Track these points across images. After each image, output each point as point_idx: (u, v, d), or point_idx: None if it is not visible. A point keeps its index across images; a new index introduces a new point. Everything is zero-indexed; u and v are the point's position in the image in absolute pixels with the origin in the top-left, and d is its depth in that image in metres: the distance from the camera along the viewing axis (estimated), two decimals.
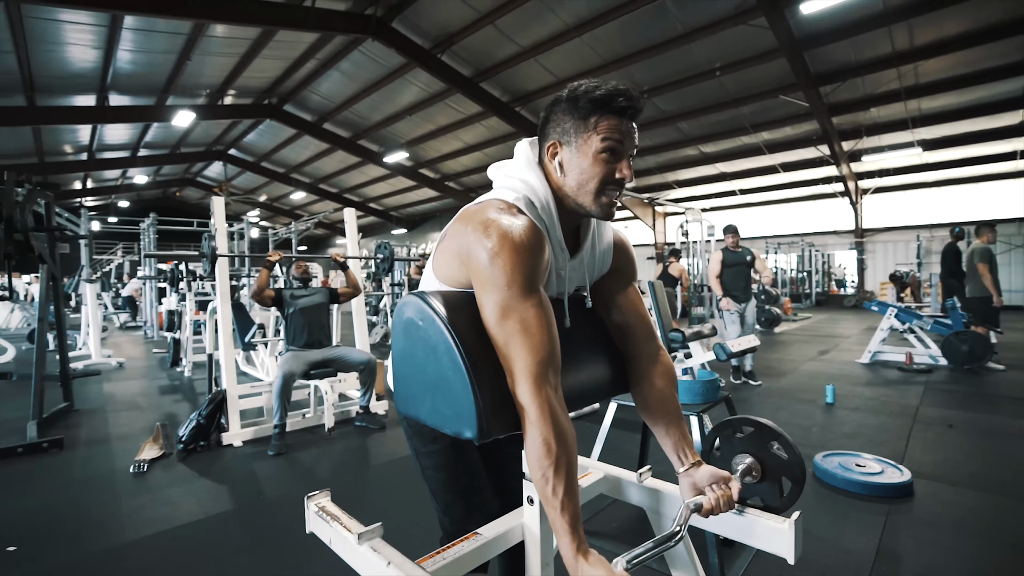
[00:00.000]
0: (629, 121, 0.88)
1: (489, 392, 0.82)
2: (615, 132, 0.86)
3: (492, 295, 0.84)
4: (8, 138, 12.04)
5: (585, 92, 0.87)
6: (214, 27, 8.49)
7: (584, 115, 0.87)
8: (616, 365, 1.10)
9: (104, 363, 6.01)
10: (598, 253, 1.07)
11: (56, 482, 2.77)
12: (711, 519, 1.12)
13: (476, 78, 10.39)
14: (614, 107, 0.86)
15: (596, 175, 0.88)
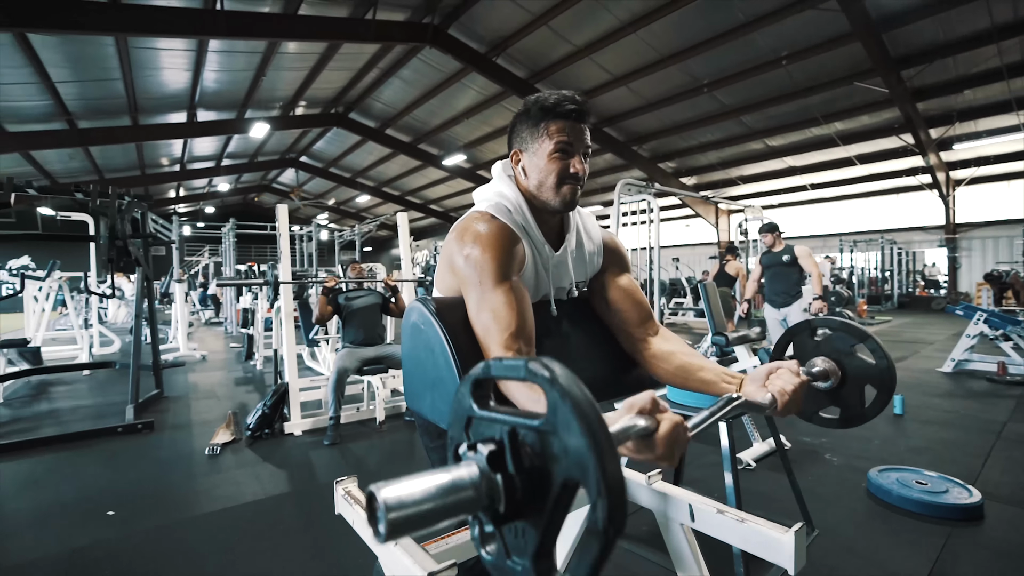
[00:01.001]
0: (577, 123, 0.98)
1: None
2: (563, 133, 0.96)
3: (470, 292, 0.93)
4: (118, 154, 13.53)
5: (535, 102, 0.98)
6: (286, 44, 9.11)
7: (536, 122, 0.98)
8: (613, 368, 1.12)
9: (190, 356, 6.67)
10: (587, 252, 1.13)
11: (146, 459, 3.15)
12: (714, 527, 1.14)
13: (531, 79, 10.45)
14: (560, 112, 0.96)
15: (552, 171, 0.98)
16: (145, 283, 4.24)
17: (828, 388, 1.05)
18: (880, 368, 0.97)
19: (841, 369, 1.03)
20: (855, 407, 1.03)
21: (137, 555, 2.07)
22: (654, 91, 10.12)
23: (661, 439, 0.62)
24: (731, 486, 1.80)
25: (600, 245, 1.15)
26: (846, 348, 1.02)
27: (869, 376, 1.00)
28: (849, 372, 1.02)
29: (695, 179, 14.24)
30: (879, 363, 0.98)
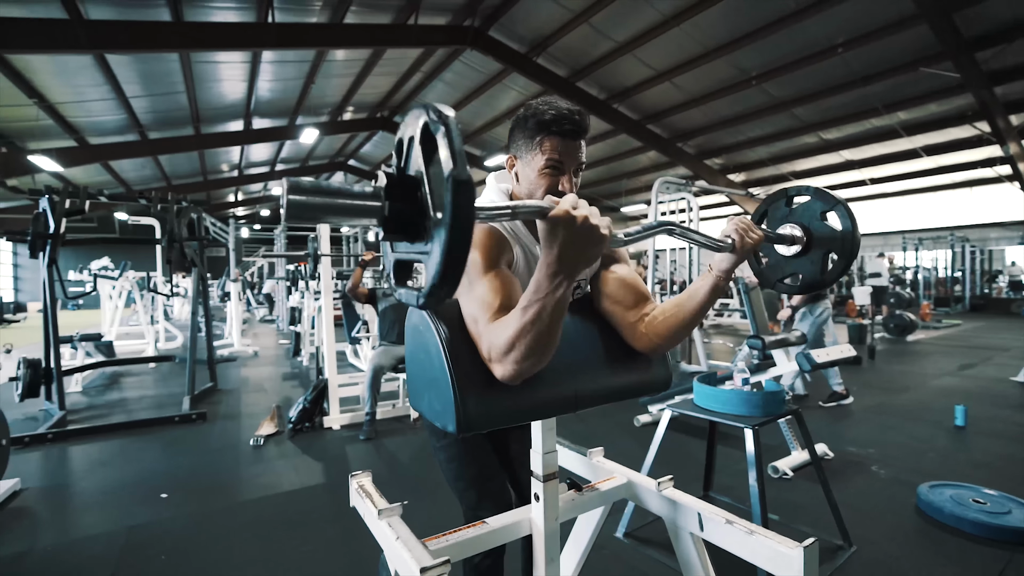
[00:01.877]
0: (572, 140, 0.97)
1: (469, 391, 0.91)
2: (556, 152, 0.96)
3: (462, 292, 0.96)
4: (183, 162, 14.49)
5: (534, 114, 0.97)
6: (333, 52, 9.46)
7: (531, 135, 0.97)
8: (617, 371, 1.11)
9: (242, 351, 7.06)
10: None
11: (198, 447, 3.37)
12: (722, 538, 1.11)
13: (572, 78, 10.38)
14: (556, 130, 0.95)
15: (541, 186, 0.98)
16: (200, 283, 4.52)
17: (793, 255, 1.08)
18: (844, 234, 0.99)
19: (807, 235, 1.05)
20: (814, 272, 1.06)
21: (184, 536, 2.22)
22: (699, 86, 9.81)
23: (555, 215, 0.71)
24: (755, 495, 1.74)
25: None
26: (816, 215, 1.03)
27: (832, 242, 1.02)
28: (815, 238, 1.05)
29: (744, 175, 13.69)
30: (844, 229, 0.99)
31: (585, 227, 0.71)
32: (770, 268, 1.16)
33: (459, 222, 0.54)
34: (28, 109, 8.94)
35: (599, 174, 15.46)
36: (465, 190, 0.54)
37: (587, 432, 3.63)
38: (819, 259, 1.05)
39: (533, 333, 0.79)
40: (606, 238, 0.74)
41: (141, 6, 6.79)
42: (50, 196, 3.73)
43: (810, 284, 1.08)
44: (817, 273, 1.05)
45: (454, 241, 0.54)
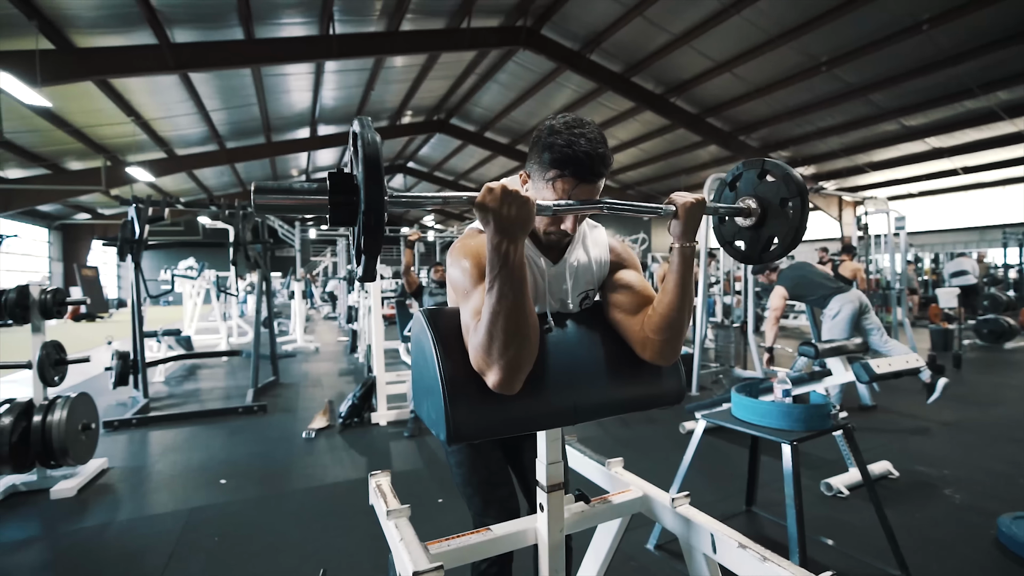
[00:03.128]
0: (587, 184, 0.93)
1: (461, 401, 0.92)
2: (567, 195, 0.93)
3: (461, 301, 0.97)
4: (257, 169, 15.55)
5: (550, 145, 0.92)
6: (391, 59, 9.80)
7: (545, 168, 0.94)
8: (620, 384, 1.07)
9: (304, 347, 7.48)
10: (593, 260, 1.12)
11: (257, 437, 3.61)
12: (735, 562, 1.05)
13: (627, 73, 10.14)
14: (570, 173, 0.92)
15: (545, 217, 0.98)
16: (264, 282, 4.84)
17: (747, 226, 1.11)
18: (792, 226, 1.01)
19: (762, 212, 1.07)
20: (753, 249, 1.10)
21: (237, 519, 2.40)
22: (763, 75, 9.27)
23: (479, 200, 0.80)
24: (792, 516, 1.63)
25: (607, 251, 1.15)
26: (776, 198, 1.04)
27: (780, 226, 1.04)
28: (767, 219, 1.07)
29: (813, 168, 12.80)
30: (793, 219, 1.01)
31: (504, 192, 0.79)
32: (727, 228, 1.20)
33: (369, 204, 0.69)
34: (127, 126, 9.94)
35: (656, 171, 15.02)
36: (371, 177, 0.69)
37: (632, 437, 3.55)
38: (766, 237, 1.08)
39: (503, 311, 0.81)
40: (527, 199, 0.80)
41: (218, 27, 7.34)
42: (136, 205, 4.13)
43: (750, 256, 1.12)
44: (760, 249, 1.09)
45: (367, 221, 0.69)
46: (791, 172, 1.04)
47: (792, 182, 1.02)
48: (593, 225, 1.17)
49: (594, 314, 1.12)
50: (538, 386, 0.98)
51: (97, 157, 10.96)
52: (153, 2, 6.45)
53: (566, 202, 0.90)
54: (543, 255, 1.06)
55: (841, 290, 3.81)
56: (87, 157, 11.21)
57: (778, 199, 1.04)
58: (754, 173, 1.10)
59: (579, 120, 0.94)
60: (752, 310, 4.41)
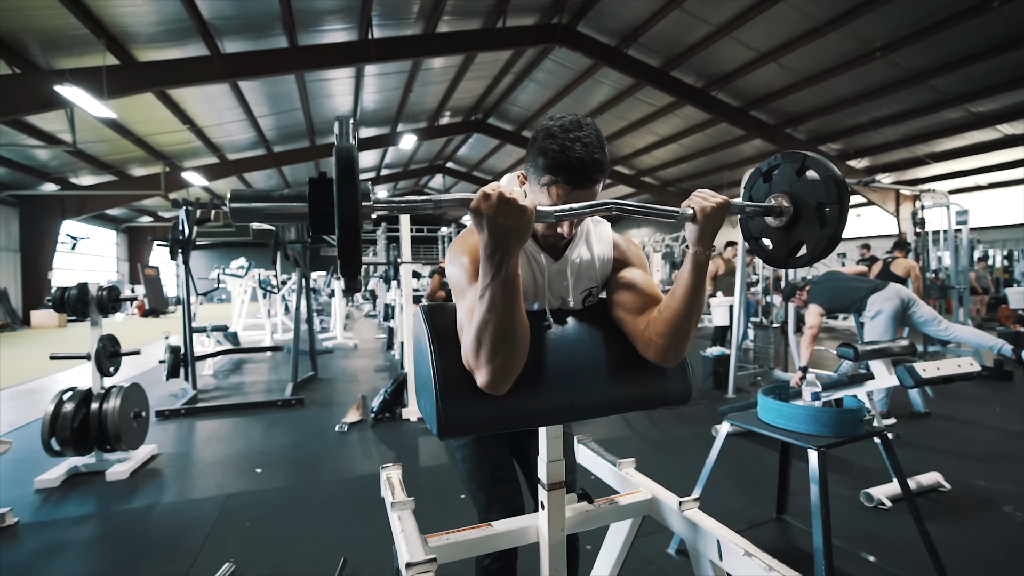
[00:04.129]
0: (582, 190, 0.91)
1: (452, 397, 0.92)
2: (561, 200, 0.91)
3: (457, 298, 0.97)
4: (302, 171, 16.16)
5: (544, 150, 0.90)
6: (428, 61, 9.96)
7: (540, 171, 0.92)
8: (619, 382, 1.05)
9: (344, 344, 7.72)
10: (596, 257, 1.10)
11: (293, 430, 3.76)
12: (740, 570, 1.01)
13: (666, 67, 9.91)
14: (564, 179, 0.89)
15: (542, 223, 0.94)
16: (304, 280, 5.03)
17: (776, 226, 1.02)
18: (826, 235, 0.92)
19: (795, 214, 0.98)
20: (780, 251, 1.02)
21: (269, 506, 2.50)
22: (811, 64, 8.84)
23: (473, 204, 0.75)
24: (818, 526, 1.55)
25: (611, 248, 1.12)
26: (812, 200, 0.94)
27: (811, 233, 0.95)
28: (799, 222, 0.97)
29: (867, 161, 12.08)
30: (827, 228, 0.92)
31: (501, 200, 0.73)
32: (755, 223, 1.10)
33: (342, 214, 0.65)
34: (183, 134, 10.55)
35: (697, 166, 14.61)
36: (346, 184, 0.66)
37: (662, 439, 3.48)
38: (794, 241, 0.98)
39: (493, 321, 0.80)
40: (525, 208, 0.75)
41: (263, 36, 7.68)
42: (185, 207, 4.38)
43: (775, 259, 1.04)
44: (786, 253, 1.00)
45: (339, 233, 0.66)
46: (835, 173, 0.93)
47: (834, 185, 0.91)
48: (598, 221, 1.15)
49: (596, 312, 1.10)
50: (534, 383, 0.97)
51: (157, 163, 11.69)
52: (205, 16, 6.82)
53: (568, 207, 0.85)
54: (543, 251, 1.05)
55: (877, 288, 3.59)
56: (149, 164, 11.98)
57: (815, 201, 0.94)
58: (792, 167, 1.00)
59: (576, 122, 0.91)
60: (794, 308, 4.21)
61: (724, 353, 4.55)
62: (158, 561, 2.05)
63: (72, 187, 12.75)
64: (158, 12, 6.59)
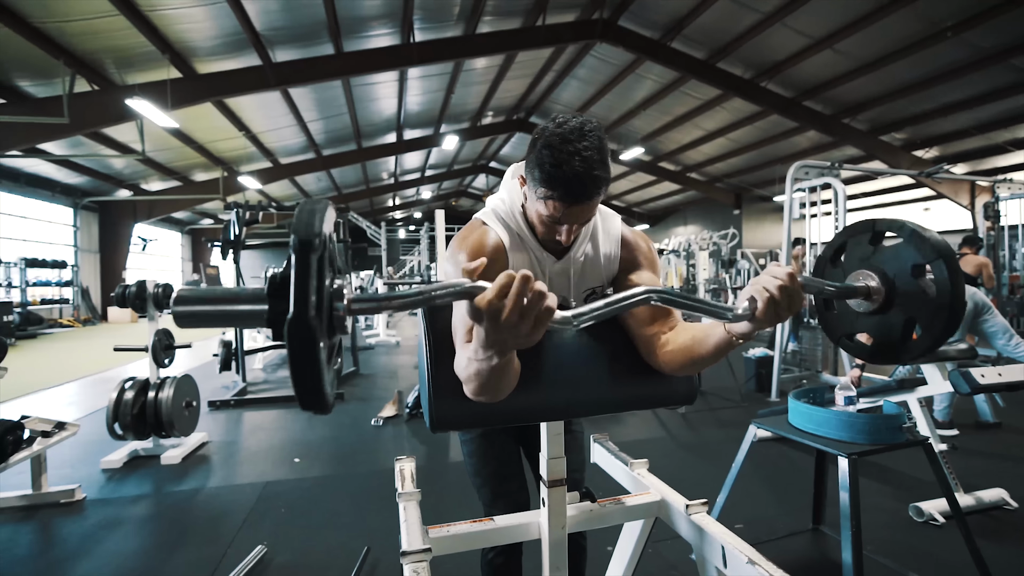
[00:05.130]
0: (579, 205, 0.86)
1: (445, 393, 0.94)
2: (557, 212, 0.87)
3: None
4: (350, 173, 16.74)
5: (540, 163, 0.84)
6: (469, 62, 10.07)
7: (536, 183, 0.87)
8: (620, 383, 1.03)
9: (386, 341, 7.94)
10: (602, 255, 1.06)
11: (331, 423, 3.90)
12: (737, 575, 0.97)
13: (712, 59, 9.58)
14: (557, 196, 0.85)
15: (539, 223, 0.95)
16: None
17: (868, 311, 0.83)
18: (938, 303, 0.73)
19: (887, 290, 0.79)
20: (891, 339, 0.80)
21: (303, 494, 2.62)
22: (870, 49, 8.29)
23: (478, 305, 0.59)
24: (847, 539, 1.45)
25: (618, 245, 1.07)
26: (907, 266, 0.77)
27: (919, 307, 0.75)
28: (897, 297, 0.78)
29: (936, 151, 11.20)
30: (940, 295, 0.73)
31: (509, 323, 0.59)
32: (838, 317, 0.90)
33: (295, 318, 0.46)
34: (239, 140, 11.16)
35: (747, 161, 14.04)
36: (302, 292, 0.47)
37: (697, 442, 3.37)
38: (899, 324, 0.79)
39: (477, 384, 0.79)
40: (535, 334, 0.61)
41: (311, 44, 8.01)
42: (236, 209, 4.63)
43: (882, 353, 0.83)
44: (895, 341, 0.80)
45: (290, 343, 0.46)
46: (919, 228, 0.77)
47: (925, 241, 0.75)
48: (606, 214, 1.10)
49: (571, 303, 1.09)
50: (530, 380, 0.97)
51: (217, 169, 12.43)
52: (258, 28, 7.19)
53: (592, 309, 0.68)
54: (546, 249, 1.02)
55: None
56: (209, 169, 12.75)
57: (908, 266, 0.77)
58: (864, 239, 0.84)
59: (579, 130, 0.83)
60: None
61: (768, 355, 4.36)
62: (199, 541, 2.19)
63: (143, 192, 13.77)
64: (216, 27, 7.01)
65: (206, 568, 1.97)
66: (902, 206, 15.09)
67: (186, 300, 0.55)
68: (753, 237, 16.67)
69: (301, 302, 0.47)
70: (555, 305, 0.62)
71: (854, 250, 0.86)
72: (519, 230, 1.02)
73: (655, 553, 2.01)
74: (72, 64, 7.00)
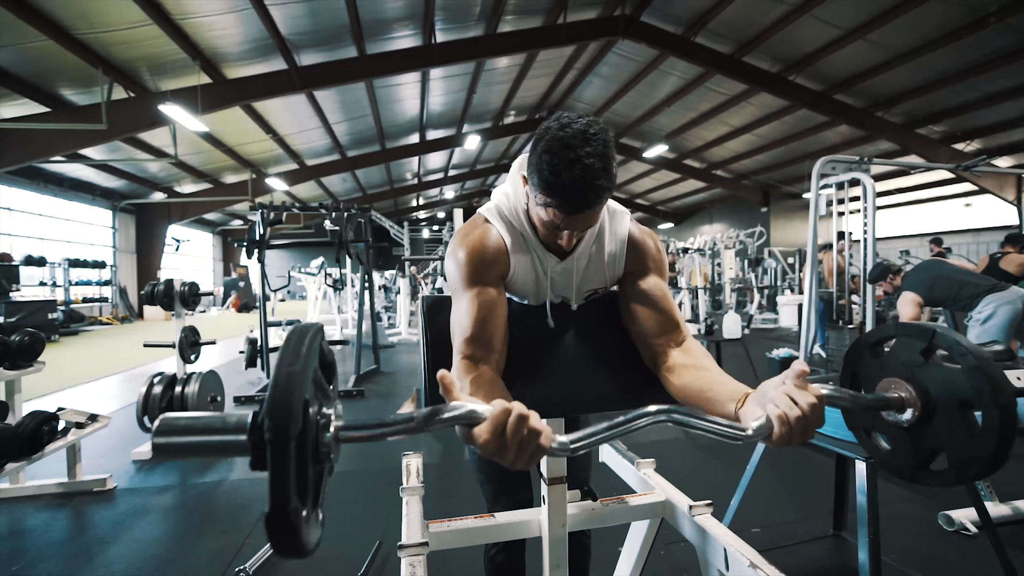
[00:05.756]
0: (580, 214, 0.83)
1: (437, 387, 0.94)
2: (559, 219, 0.85)
3: (453, 293, 0.97)
4: (374, 174, 16.99)
5: (539, 169, 0.81)
6: (491, 61, 10.10)
7: (536, 188, 0.84)
8: (617, 379, 1.02)
9: (408, 339, 8.03)
10: (606, 254, 1.02)
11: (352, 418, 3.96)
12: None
13: (737, 53, 9.38)
14: (555, 204, 0.82)
15: (541, 228, 0.92)
16: (367, 278, 5.30)
17: (910, 422, 0.72)
18: (978, 451, 0.64)
19: (923, 412, 0.70)
20: (903, 456, 0.71)
21: None
22: (906, 38, 7.97)
23: (476, 436, 0.58)
24: (864, 547, 1.40)
25: (624, 245, 1.03)
26: (953, 397, 0.67)
27: (954, 444, 0.66)
28: (933, 423, 0.69)
29: (978, 143, 10.69)
30: (983, 443, 0.64)
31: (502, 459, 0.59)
32: (895, 451, 0.78)
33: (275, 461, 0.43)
34: (266, 143, 11.45)
35: (775, 157, 13.70)
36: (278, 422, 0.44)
37: (719, 446, 3.31)
38: (925, 449, 0.71)
39: None
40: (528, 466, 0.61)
41: (335, 48, 8.16)
42: (260, 210, 4.76)
43: (897, 467, 0.76)
44: (913, 463, 0.72)
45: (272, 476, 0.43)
46: (984, 362, 0.66)
47: (986, 379, 0.65)
48: (614, 211, 1.05)
49: (599, 306, 1.07)
50: (527, 377, 0.97)
51: (245, 171, 12.78)
52: (283, 33, 7.36)
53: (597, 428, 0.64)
54: (549, 250, 0.99)
55: (996, 288, 3.15)
56: (238, 171, 13.12)
57: (956, 400, 0.68)
58: (918, 346, 0.74)
59: (582, 134, 0.78)
60: (872, 308, 3.84)
61: (792, 355, 4.24)
62: (220, 530, 2.26)
63: (176, 195, 14.27)
64: (243, 32, 7.21)
65: (225, 556, 2.03)
66: (940, 202, 14.49)
67: (169, 430, 0.49)
68: (782, 235, 16.26)
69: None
70: (550, 442, 0.60)
71: (900, 352, 0.76)
72: (522, 229, 0.99)
73: (667, 555, 1.98)
74: (110, 72, 7.31)
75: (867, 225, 3.94)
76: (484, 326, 0.90)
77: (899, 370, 0.75)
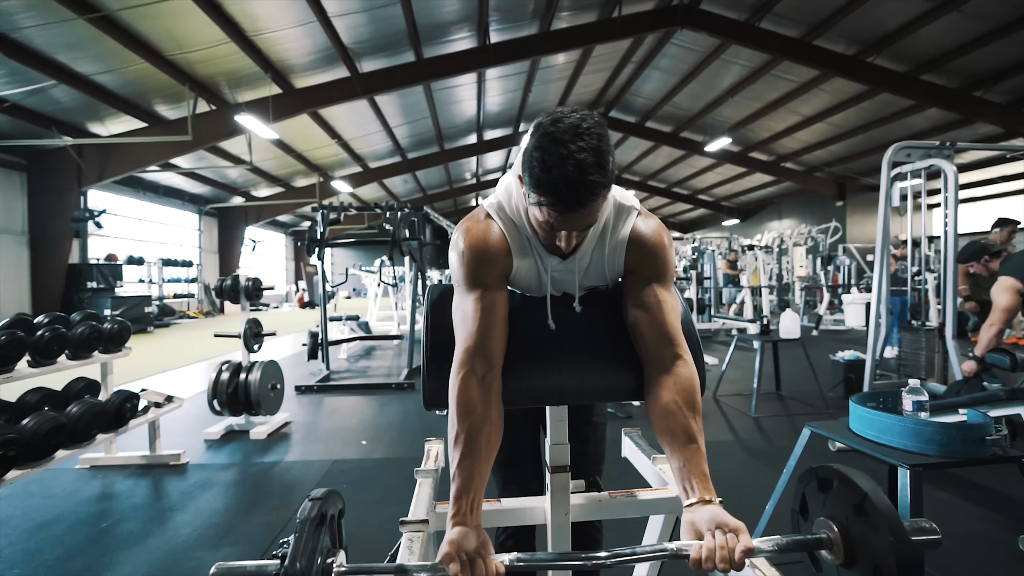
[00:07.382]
0: (575, 213, 0.80)
1: (436, 374, 0.98)
2: (553, 219, 0.81)
3: (455, 287, 0.97)
4: (434, 175, 17.48)
5: (530, 166, 0.78)
6: (546, 59, 10.09)
7: (528, 186, 0.81)
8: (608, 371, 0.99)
9: None
10: (610, 253, 0.99)
11: (400, 409, 4.13)
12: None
13: (807, 37, 8.78)
14: (547, 203, 0.79)
15: (539, 229, 0.89)
16: (419, 274, 5.48)
17: (837, 563, 0.72)
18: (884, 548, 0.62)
19: (845, 540, 0.70)
20: None
21: (365, 473, 2.82)
22: (1009, 7, 7.13)
23: None
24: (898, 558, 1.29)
25: (624, 244, 0.98)
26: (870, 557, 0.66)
27: (877, 555, 0.64)
28: (856, 546, 0.68)
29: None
30: (881, 540, 0.63)
31: None
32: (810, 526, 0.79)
33: None
34: (332, 147, 12.08)
35: (851, 147, 12.70)
36: None
37: (766, 448, 3.17)
38: None
39: None
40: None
41: (393, 53, 8.48)
42: (321, 211, 5.05)
43: None
44: None
45: None
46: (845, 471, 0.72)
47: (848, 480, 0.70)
48: (621, 205, 0.99)
49: (600, 298, 1.06)
50: (524, 365, 0.98)
51: (313, 175, 13.56)
52: (345, 42, 7.75)
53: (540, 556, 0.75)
54: (550, 252, 0.97)
55: None
56: (307, 175, 13.95)
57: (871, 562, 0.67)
58: (813, 486, 0.78)
59: (575, 128, 0.76)
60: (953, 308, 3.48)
61: (859, 358, 3.95)
62: (271, 507, 2.44)
63: (253, 199, 15.38)
64: (309, 44, 7.66)
65: (274, 529, 2.19)
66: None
67: None
68: (860, 231, 15.04)
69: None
70: None
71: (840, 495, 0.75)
72: (523, 229, 0.96)
73: None
74: (194, 88, 8.02)
75: (948, 219, 3.58)
76: (486, 337, 0.89)
77: (836, 510, 0.74)
